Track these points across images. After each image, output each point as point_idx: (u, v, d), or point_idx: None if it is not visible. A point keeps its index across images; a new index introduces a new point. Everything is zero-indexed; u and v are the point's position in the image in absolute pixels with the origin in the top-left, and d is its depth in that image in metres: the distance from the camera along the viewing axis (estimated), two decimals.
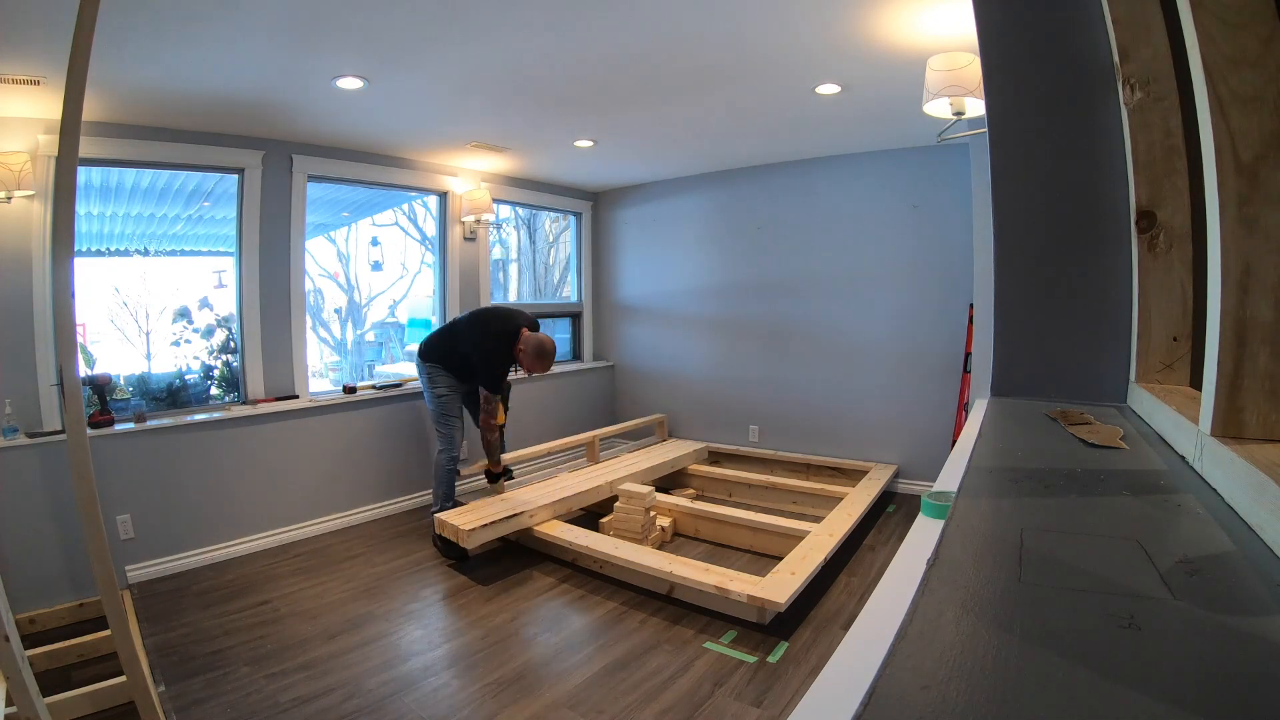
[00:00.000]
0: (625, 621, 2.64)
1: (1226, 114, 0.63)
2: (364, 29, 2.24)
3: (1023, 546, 0.55)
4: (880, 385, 4.28)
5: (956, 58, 2.06)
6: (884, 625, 0.47)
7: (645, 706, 2.06)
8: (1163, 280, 1.05)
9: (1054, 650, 0.39)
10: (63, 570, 2.75)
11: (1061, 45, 1.14)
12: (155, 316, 3.64)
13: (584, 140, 3.87)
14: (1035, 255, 1.21)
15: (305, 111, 3.10)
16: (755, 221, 4.74)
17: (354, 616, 2.70)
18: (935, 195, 3.97)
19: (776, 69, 2.69)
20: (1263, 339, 0.63)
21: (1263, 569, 0.49)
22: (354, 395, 3.89)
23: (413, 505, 4.14)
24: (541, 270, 6.07)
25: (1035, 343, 1.23)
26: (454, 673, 2.29)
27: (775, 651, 2.37)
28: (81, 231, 3.21)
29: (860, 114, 3.34)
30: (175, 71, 2.50)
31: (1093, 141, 1.13)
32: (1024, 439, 0.96)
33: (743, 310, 4.86)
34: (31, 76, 2.38)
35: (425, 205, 4.99)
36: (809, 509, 3.77)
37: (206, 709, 2.06)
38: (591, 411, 5.44)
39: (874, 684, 0.37)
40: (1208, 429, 0.67)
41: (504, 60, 2.57)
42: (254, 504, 3.44)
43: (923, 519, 0.80)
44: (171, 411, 3.37)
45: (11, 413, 2.73)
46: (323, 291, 5.65)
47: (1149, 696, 0.34)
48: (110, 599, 1.58)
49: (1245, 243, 0.63)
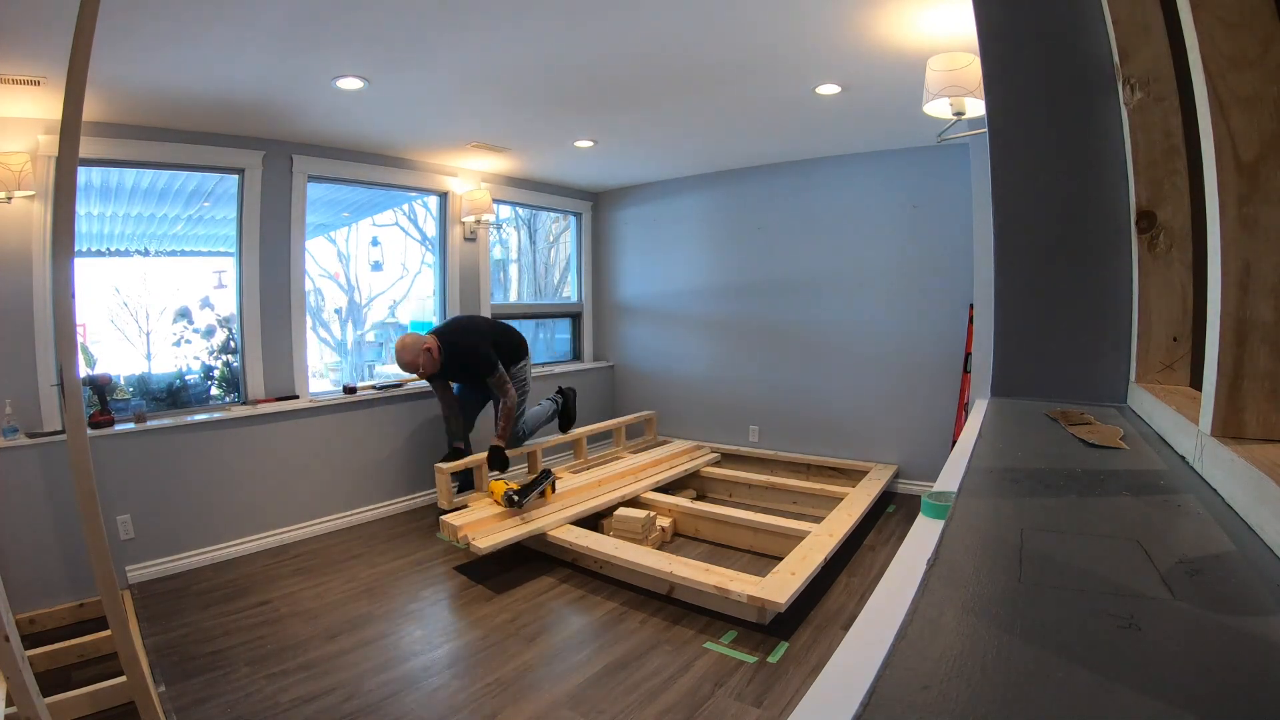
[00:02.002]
0: (625, 621, 2.64)
1: (1226, 114, 0.63)
2: (364, 29, 2.24)
3: (1023, 547, 0.55)
4: (880, 385, 4.27)
5: (956, 58, 2.06)
6: (884, 625, 0.47)
7: (645, 707, 2.06)
8: (1163, 280, 1.05)
9: (1054, 650, 0.39)
10: (63, 570, 2.74)
11: (1061, 45, 1.14)
12: (155, 317, 3.64)
13: (584, 140, 3.87)
14: (1035, 255, 1.21)
15: (305, 112, 3.11)
16: (755, 222, 4.74)
17: (354, 617, 2.70)
18: (935, 195, 3.97)
19: (776, 69, 2.69)
20: (1263, 339, 0.63)
21: (1263, 569, 0.49)
22: (354, 395, 3.89)
23: (413, 505, 4.14)
24: (541, 270, 6.07)
25: (1035, 343, 1.22)
26: (454, 673, 2.29)
27: (775, 652, 2.37)
28: (81, 232, 3.21)
29: (860, 114, 3.34)
30: (175, 72, 2.50)
31: (1093, 141, 1.12)
32: (1024, 439, 0.96)
33: (742, 310, 4.86)
34: (31, 77, 2.38)
35: (425, 205, 4.99)
36: (809, 509, 3.77)
37: (206, 709, 2.06)
38: (591, 412, 5.43)
39: (874, 684, 0.37)
40: (1208, 429, 0.67)
41: (504, 60, 2.57)
42: (254, 504, 3.44)
43: (923, 519, 0.80)
44: (172, 412, 3.37)
45: (12, 413, 2.73)
46: (323, 292, 5.65)
47: (1149, 696, 0.34)
48: (110, 599, 1.58)
49: (1245, 243, 0.63)
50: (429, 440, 4.24)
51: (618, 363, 5.69)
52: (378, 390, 4.01)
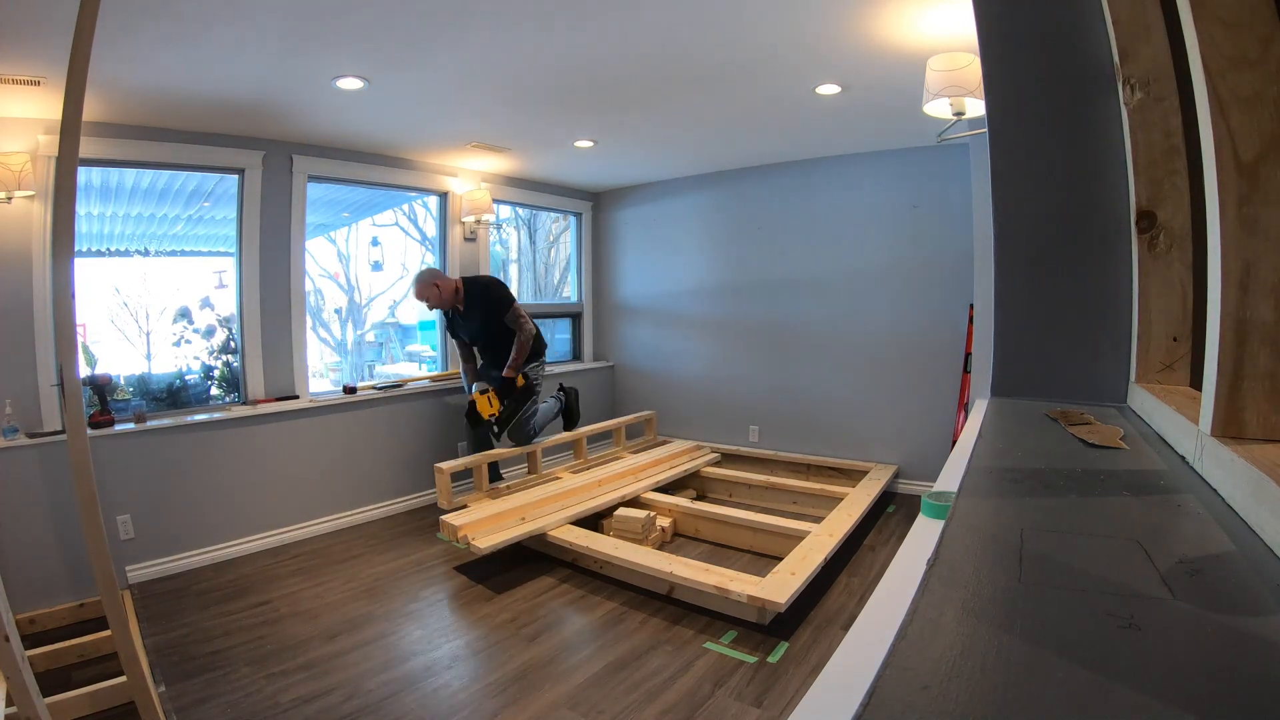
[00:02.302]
0: (625, 622, 2.64)
1: (1226, 114, 0.63)
2: (364, 29, 2.24)
3: (1023, 547, 0.55)
4: (880, 385, 4.27)
5: (956, 58, 2.06)
6: (884, 625, 0.47)
7: (645, 707, 2.06)
8: (1163, 280, 1.05)
9: (1054, 650, 0.39)
10: (63, 570, 2.75)
11: (1061, 45, 1.14)
12: (155, 317, 3.64)
13: (584, 140, 3.87)
14: (1035, 255, 1.21)
15: (305, 112, 3.11)
16: (756, 222, 4.74)
17: (354, 617, 2.70)
18: (935, 195, 3.97)
19: (776, 69, 2.69)
20: (1263, 339, 0.63)
21: (1263, 569, 0.49)
22: (354, 396, 3.89)
23: (413, 505, 4.14)
24: (541, 270, 6.07)
25: (1035, 343, 1.22)
26: (454, 673, 2.29)
27: (775, 652, 2.37)
28: (82, 232, 3.21)
29: (860, 114, 3.34)
30: (176, 72, 2.50)
31: (1093, 141, 1.12)
32: (1024, 439, 0.96)
33: (742, 310, 4.86)
34: (31, 77, 2.38)
35: (425, 205, 4.99)
36: (809, 509, 3.77)
37: (206, 709, 2.06)
38: (592, 412, 5.42)
39: (874, 684, 0.37)
40: (1208, 429, 0.67)
41: (504, 60, 2.57)
42: (254, 504, 3.44)
43: (923, 519, 0.80)
44: (172, 412, 3.37)
45: (12, 413, 2.73)
46: (323, 292, 5.65)
47: (1149, 696, 0.34)
48: (110, 599, 1.58)
49: (1245, 243, 0.63)
50: (429, 440, 4.24)
51: (618, 363, 5.69)
52: (378, 390, 4.01)
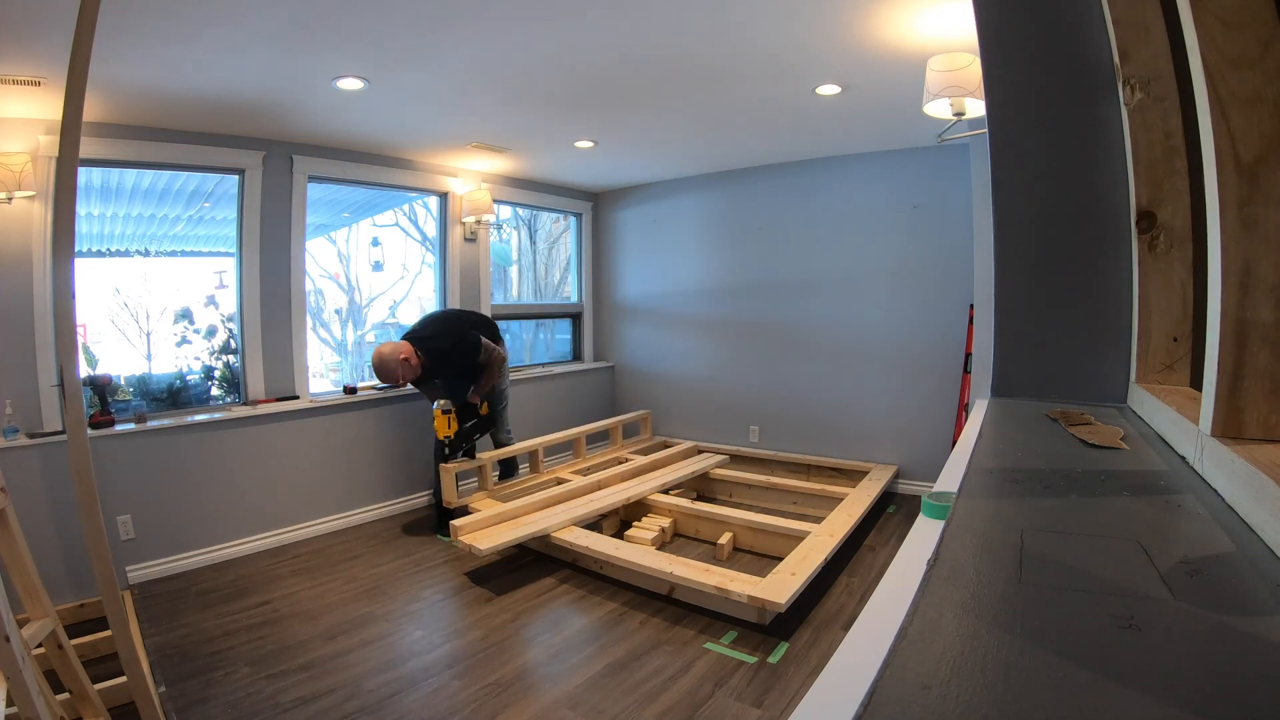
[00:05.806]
0: (625, 622, 2.64)
1: (1226, 114, 0.63)
2: (364, 30, 2.24)
3: (1023, 547, 0.55)
4: (880, 385, 4.27)
5: (956, 58, 2.06)
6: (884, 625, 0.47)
7: (646, 707, 2.06)
8: (1163, 281, 1.04)
9: (1054, 650, 0.39)
10: (63, 570, 2.74)
11: (1061, 45, 1.14)
12: (156, 317, 3.64)
13: (584, 140, 3.87)
14: (1035, 255, 1.21)
15: (306, 112, 3.11)
16: (756, 222, 4.74)
17: (354, 617, 2.70)
18: (935, 195, 3.97)
19: (776, 69, 2.69)
20: (1263, 339, 0.63)
21: (1263, 569, 0.49)
22: (354, 396, 3.89)
23: (413, 505, 4.14)
24: (542, 270, 6.07)
25: (1035, 343, 1.22)
26: (454, 673, 2.29)
27: (776, 652, 2.37)
28: (82, 232, 3.21)
29: (860, 114, 3.34)
30: (176, 72, 2.50)
31: (1093, 141, 1.12)
32: (1024, 439, 0.96)
33: (742, 311, 4.86)
34: (32, 77, 2.38)
35: (426, 206, 4.99)
36: (809, 509, 3.77)
37: (206, 709, 2.06)
38: (592, 412, 5.43)
39: (874, 684, 0.37)
40: (1208, 429, 0.67)
41: (504, 61, 2.57)
42: (255, 504, 3.44)
43: (923, 519, 0.80)
44: (172, 412, 3.37)
45: (12, 413, 2.73)
46: (323, 292, 5.65)
47: (1149, 696, 0.34)
48: (111, 599, 1.59)
49: (1245, 243, 0.63)
50: (430, 440, 4.23)
51: (618, 363, 5.69)
52: (378, 390, 4.01)
